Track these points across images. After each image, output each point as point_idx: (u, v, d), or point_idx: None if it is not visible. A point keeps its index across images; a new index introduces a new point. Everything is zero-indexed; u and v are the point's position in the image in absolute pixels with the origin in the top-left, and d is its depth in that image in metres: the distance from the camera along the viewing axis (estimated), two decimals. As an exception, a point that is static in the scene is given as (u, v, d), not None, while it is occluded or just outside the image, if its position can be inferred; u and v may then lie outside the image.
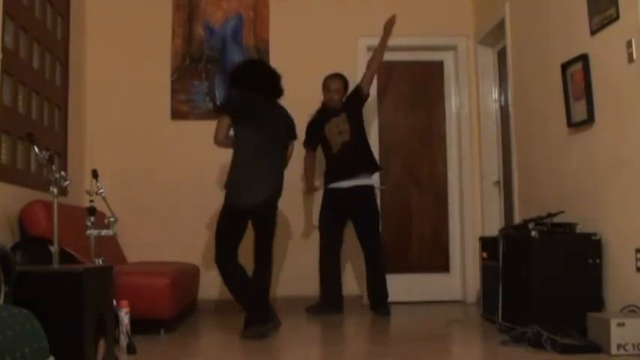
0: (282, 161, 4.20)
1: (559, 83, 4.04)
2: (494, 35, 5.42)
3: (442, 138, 5.86)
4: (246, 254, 4.14)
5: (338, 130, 5.07)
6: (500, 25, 5.15)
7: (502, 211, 5.55)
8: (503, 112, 5.51)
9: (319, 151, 5.25)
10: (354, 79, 5.67)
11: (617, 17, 3.42)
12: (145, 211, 5.40)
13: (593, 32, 3.67)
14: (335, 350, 3.59)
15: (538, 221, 3.83)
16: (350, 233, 5.17)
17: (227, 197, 4.00)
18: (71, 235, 3.80)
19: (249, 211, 3.98)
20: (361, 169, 5.03)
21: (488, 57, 5.69)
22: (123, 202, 4.71)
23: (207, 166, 5.48)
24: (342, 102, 5.18)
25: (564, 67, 3.98)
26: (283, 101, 4.36)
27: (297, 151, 4.69)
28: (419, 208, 5.81)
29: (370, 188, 5.10)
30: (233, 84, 4.25)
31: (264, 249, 4.10)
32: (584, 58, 3.75)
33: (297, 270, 5.42)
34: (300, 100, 5.06)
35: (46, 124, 4.50)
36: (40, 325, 2.08)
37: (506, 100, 5.39)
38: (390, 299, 5.21)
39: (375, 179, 5.36)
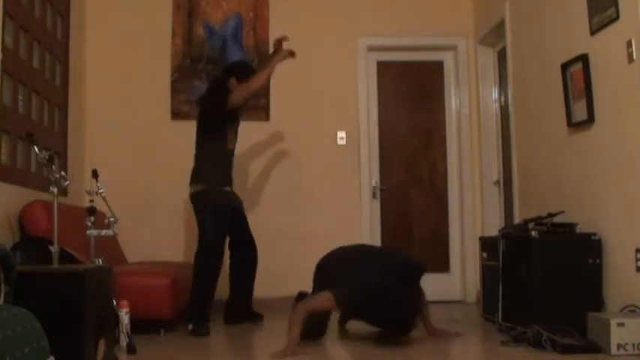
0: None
1: (559, 83, 4.04)
2: (494, 35, 5.42)
3: (442, 138, 5.86)
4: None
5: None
6: (500, 25, 5.15)
7: (502, 211, 5.55)
8: (503, 112, 5.51)
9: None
10: (353, 80, 5.70)
11: (617, 17, 3.42)
12: (145, 211, 5.39)
13: (593, 32, 3.67)
14: (335, 350, 3.59)
15: (538, 221, 3.83)
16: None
17: None
18: (71, 235, 3.80)
19: None
20: None
21: (488, 57, 5.69)
22: (123, 202, 4.70)
23: (207, 166, 5.47)
24: None
25: (564, 67, 3.98)
26: (283, 101, 4.35)
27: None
28: (419, 208, 5.81)
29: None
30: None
31: None
32: (584, 58, 3.75)
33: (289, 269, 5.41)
34: (300, 100, 5.07)
35: (46, 124, 4.50)
36: (40, 325, 2.08)
37: (506, 100, 5.39)
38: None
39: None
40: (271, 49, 4.88)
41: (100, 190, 3.64)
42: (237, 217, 4.56)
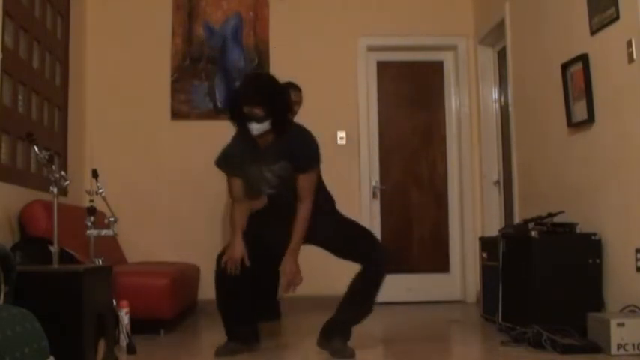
0: None
1: (559, 83, 4.04)
2: (494, 35, 5.42)
3: (442, 138, 5.86)
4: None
5: None
6: (500, 25, 5.15)
7: (502, 211, 5.55)
8: (503, 112, 5.51)
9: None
10: (354, 79, 5.71)
11: (617, 17, 3.42)
12: (145, 211, 5.39)
13: (593, 32, 3.67)
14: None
15: (538, 221, 3.83)
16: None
17: None
18: (71, 235, 3.79)
19: None
20: None
21: (488, 57, 5.69)
22: (123, 202, 4.70)
23: (208, 166, 5.47)
24: None
25: (564, 67, 3.98)
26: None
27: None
28: (419, 208, 5.81)
29: None
30: None
31: None
32: (584, 58, 3.75)
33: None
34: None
35: (46, 124, 4.50)
36: (40, 325, 2.08)
37: (506, 100, 5.39)
38: (390, 299, 5.17)
39: None
40: (272, 49, 4.80)
41: (100, 190, 3.63)
42: None
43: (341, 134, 5.63)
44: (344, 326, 3.38)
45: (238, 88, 3.48)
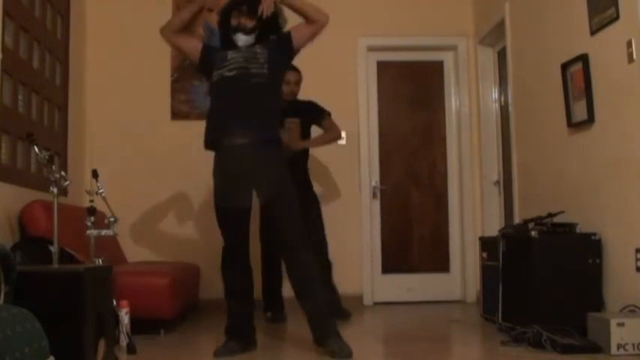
0: None
1: (559, 83, 4.04)
2: (494, 35, 5.42)
3: (442, 138, 5.86)
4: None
5: None
6: (500, 25, 5.15)
7: (502, 211, 5.55)
8: (503, 112, 5.51)
9: None
10: (354, 79, 5.71)
11: (617, 17, 3.42)
12: (144, 211, 5.39)
13: (593, 32, 3.67)
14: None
15: (538, 221, 3.83)
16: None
17: None
18: (71, 235, 3.79)
19: None
20: None
21: (488, 57, 5.69)
22: (123, 202, 4.70)
23: (208, 166, 5.48)
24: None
25: (564, 67, 3.98)
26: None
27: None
28: (419, 208, 5.81)
29: None
30: None
31: None
32: (584, 58, 3.75)
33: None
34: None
35: (46, 124, 4.50)
36: (40, 325, 2.08)
37: (506, 100, 5.39)
38: (390, 299, 5.18)
39: None
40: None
41: (100, 190, 3.64)
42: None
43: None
44: (323, 322, 3.34)
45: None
